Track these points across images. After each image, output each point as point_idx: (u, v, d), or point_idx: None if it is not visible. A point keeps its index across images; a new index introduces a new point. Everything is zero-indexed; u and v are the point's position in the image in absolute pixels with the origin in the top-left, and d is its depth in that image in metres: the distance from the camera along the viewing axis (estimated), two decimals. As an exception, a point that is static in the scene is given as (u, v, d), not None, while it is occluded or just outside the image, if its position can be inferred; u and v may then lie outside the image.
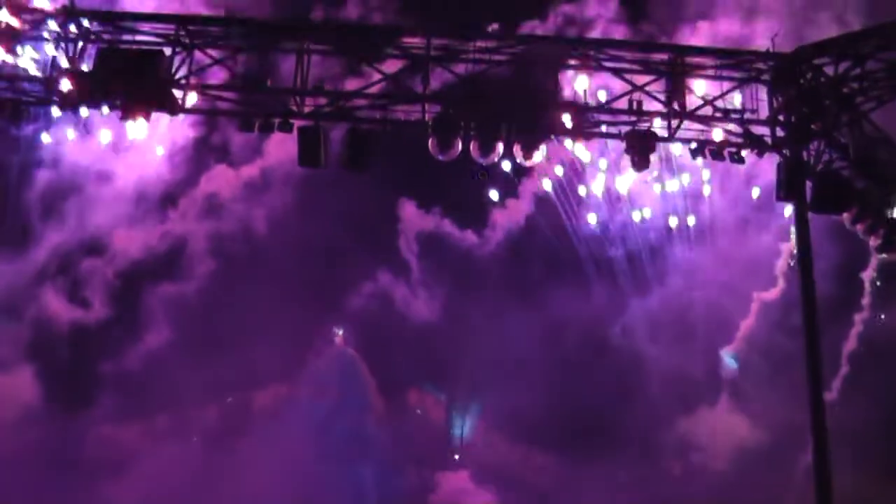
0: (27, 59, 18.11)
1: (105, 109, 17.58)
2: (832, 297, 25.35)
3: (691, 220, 30.47)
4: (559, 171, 30.03)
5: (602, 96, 17.92)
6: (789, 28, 22.91)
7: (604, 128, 17.85)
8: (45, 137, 22.21)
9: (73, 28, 17.99)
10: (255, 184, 31.34)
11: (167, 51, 17.67)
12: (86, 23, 18.07)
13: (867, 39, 17.53)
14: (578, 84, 17.62)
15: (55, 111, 18.40)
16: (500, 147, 16.90)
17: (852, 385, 30.62)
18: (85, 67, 17.86)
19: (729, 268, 31.15)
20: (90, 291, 30.46)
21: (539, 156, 17.00)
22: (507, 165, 21.98)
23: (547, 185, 30.77)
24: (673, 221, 30.50)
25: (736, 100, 17.76)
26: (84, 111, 18.14)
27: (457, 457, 34.39)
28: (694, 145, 17.61)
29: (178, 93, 17.60)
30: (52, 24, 17.96)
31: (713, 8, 26.67)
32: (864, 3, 25.45)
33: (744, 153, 17.74)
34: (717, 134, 17.63)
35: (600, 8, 26.71)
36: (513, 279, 32.60)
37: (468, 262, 32.57)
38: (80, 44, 17.97)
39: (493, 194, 31.71)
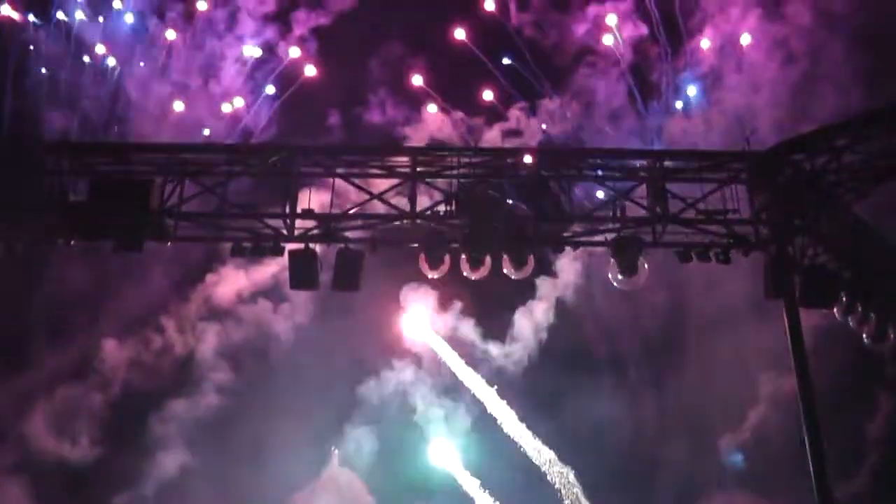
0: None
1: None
2: (856, 374, 24.81)
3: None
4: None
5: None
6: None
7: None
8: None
9: (66, 162, 18.37)
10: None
11: (158, 180, 18.02)
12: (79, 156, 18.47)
13: (841, 133, 17.96)
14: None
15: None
16: (489, 262, 17.15)
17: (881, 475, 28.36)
18: (77, 199, 18.19)
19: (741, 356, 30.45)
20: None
21: (529, 269, 17.21)
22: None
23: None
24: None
25: (717, 203, 18.01)
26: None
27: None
28: (680, 250, 17.79)
29: (169, 222, 17.90)
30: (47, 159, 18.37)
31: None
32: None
33: (731, 253, 17.87)
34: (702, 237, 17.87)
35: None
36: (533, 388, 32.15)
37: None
38: (73, 177, 18.30)
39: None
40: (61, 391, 30.07)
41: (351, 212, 17.92)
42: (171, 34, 28.49)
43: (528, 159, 18.12)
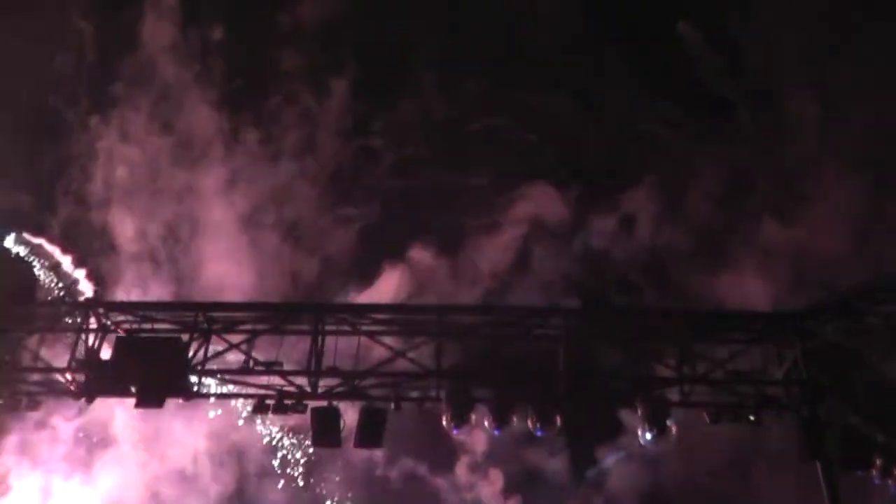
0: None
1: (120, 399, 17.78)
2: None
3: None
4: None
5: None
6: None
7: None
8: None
9: (93, 320, 18.57)
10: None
11: (184, 337, 18.14)
12: (106, 314, 18.70)
13: (862, 297, 18.03)
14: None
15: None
16: (515, 420, 16.90)
17: None
18: (103, 356, 18.27)
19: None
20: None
21: (555, 428, 16.91)
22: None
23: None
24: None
25: (746, 363, 17.89)
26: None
27: None
28: (711, 410, 17.51)
29: (193, 378, 17.87)
30: (74, 317, 18.62)
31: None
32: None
33: (762, 414, 17.54)
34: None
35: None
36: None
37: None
38: (100, 334, 18.46)
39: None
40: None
41: (375, 369, 17.83)
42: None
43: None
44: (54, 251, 29.51)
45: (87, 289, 29.12)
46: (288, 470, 30.25)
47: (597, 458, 29.70)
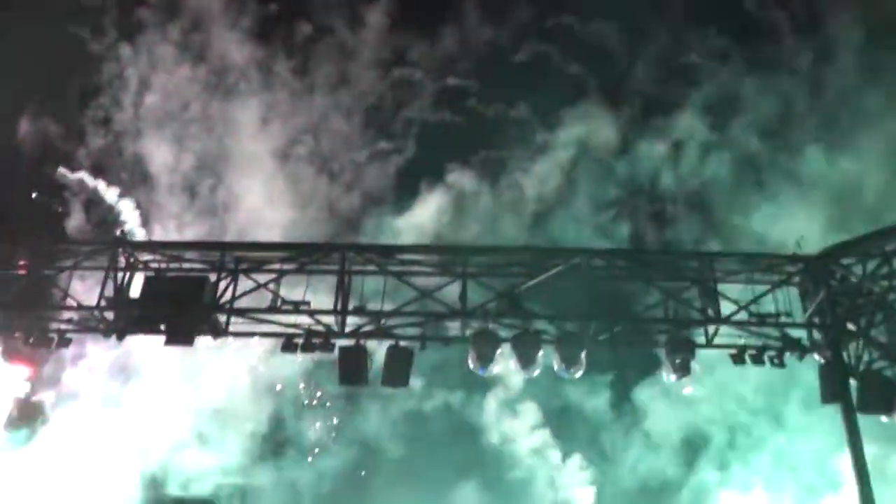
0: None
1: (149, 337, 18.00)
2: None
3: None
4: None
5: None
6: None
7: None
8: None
9: (121, 259, 18.75)
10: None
11: (212, 277, 18.31)
12: (134, 253, 18.87)
13: (891, 237, 17.95)
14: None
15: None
16: (540, 359, 17.07)
17: None
18: (132, 295, 18.48)
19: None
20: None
21: (581, 369, 17.08)
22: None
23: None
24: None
25: (770, 304, 17.91)
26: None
27: None
28: (734, 352, 17.61)
29: (221, 317, 18.08)
30: (103, 256, 18.79)
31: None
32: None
33: (785, 357, 17.64)
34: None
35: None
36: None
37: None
38: (129, 273, 18.64)
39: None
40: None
41: (401, 309, 17.97)
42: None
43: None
44: (89, 185, 29.31)
45: (124, 222, 28.97)
46: (327, 404, 30.82)
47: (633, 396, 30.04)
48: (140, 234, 27.50)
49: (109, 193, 28.94)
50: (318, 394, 30.77)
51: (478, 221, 28.21)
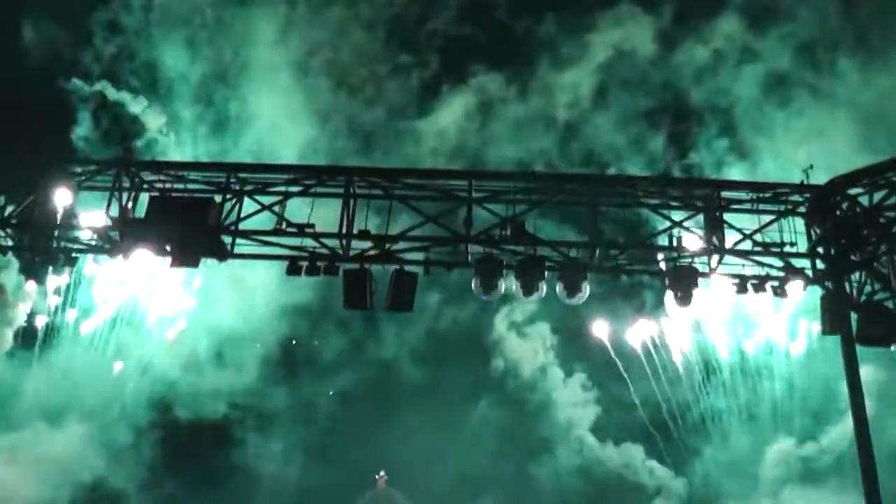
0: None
1: (154, 256, 18.04)
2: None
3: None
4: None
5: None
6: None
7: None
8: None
9: (126, 179, 18.69)
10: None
11: (217, 198, 18.28)
12: (139, 173, 18.80)
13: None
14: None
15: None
16: (543, 287, 17.15)
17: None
18: (137, 216, 18.48)
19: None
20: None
21: (583, 296, 17.16)
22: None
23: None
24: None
25: (775, 233, 17.88)
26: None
27: None
28: (737, 281, 17.65)
29: (226, 239, 18.12)
30: (107, 175, 18.73)
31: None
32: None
33: (787, 286, 17.68)
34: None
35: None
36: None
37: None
38: (133, 193, 18.61)
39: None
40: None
41: (406, 233, 17.98)
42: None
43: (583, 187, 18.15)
44: (107, 95, 28.80)
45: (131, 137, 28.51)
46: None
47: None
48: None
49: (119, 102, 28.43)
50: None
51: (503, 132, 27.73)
